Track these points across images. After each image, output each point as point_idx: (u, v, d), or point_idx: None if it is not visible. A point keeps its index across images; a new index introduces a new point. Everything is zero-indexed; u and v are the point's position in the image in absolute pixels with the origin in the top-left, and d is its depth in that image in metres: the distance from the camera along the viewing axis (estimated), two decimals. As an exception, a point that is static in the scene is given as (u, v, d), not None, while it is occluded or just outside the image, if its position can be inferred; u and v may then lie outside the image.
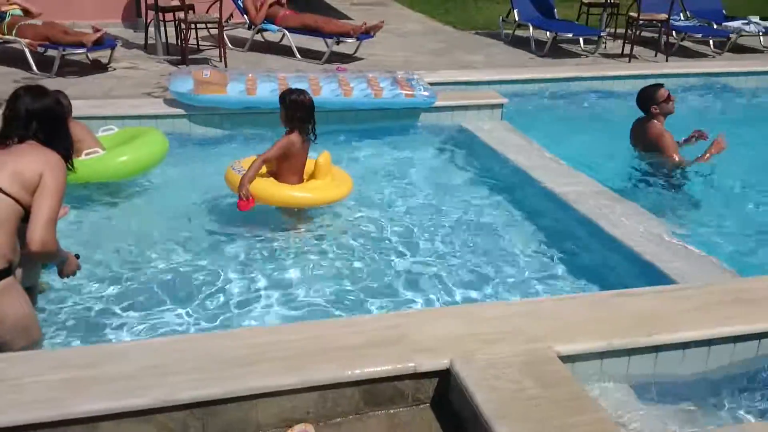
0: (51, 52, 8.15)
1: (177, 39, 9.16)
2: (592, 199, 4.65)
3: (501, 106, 6.61)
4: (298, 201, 4.60)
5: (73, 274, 3.33)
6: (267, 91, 6.08)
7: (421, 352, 2.84)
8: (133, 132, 5.27)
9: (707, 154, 5.33)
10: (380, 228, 4.70)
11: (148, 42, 9.35)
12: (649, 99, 5.51)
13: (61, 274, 3.29)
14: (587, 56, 9.98)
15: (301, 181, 4.65)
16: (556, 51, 10.04)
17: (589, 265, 4.17)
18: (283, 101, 4.62)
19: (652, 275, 3.73)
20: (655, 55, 9.91)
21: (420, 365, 2.78)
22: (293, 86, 5.98)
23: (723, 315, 3.16)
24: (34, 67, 7.92)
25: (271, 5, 9.19)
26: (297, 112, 4.55)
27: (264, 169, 4.63)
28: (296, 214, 4.74)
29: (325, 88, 6.20)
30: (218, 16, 8.59)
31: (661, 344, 3.00)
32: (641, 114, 5.58)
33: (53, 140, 3.15)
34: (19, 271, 3.07)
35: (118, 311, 3.72)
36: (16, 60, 8.27)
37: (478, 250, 4.44)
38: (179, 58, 8.72)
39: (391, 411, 2.82)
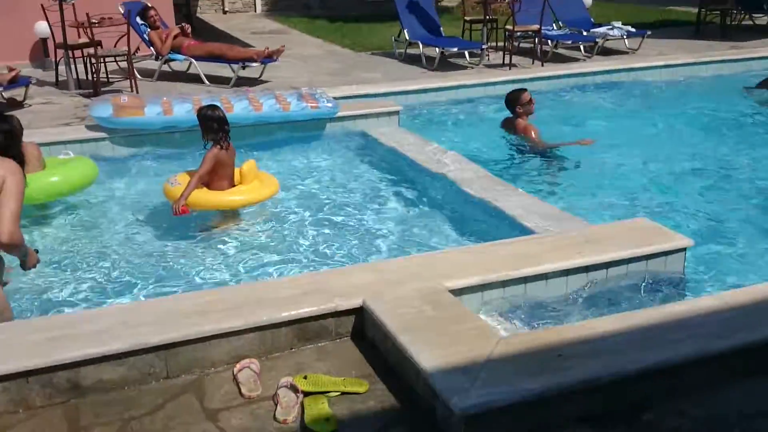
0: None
1: (86, 74, 9.59)
2: (477, 182, 5.46)
3: (397, 113, 7.41)
4: (232, 203, 5.21)
5: (34, 266, 3.87)
6: (183, 111, 6.67)
7: (339, 296, 3.53)
8: (68, 160, 5.74)
9: (574, 142, 6.33)
10: (301, 215, 5.41)
11: (59, 79, 9.73)
12: (514, 101, 6.55)
13: (24, 267, 3.82)
14: (473, 68, 10.95)
15: (232, 184, 5.25)
16: (445, 65, 10.97)
17: (473, 230, 4.98)
18: (199, 116, 5.23)
19: (521, 231, 4.55)
20: (532, 62, 10.97)
21: (339, 305, 3.48)
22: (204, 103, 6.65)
23: (576, 251, 3.99)
24: (-50, 107, 8.23)
25: (175, 36, 9.74)
26: (212, 123, 5.17)
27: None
28: (230, 213, 5.35)
29: (237, 106, 6.83)
30: (126, 49, 9.10)
31: (528, 275, 3.80)
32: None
33: (10, 152, 3.71)
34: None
35: (77, 299, 4.27)
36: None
37: (382, 222, 5.26)
38: (91, 91, 9.15)
39: (319, 344, 3.49)
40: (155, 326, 3.26)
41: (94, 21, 8.67)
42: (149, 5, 9.92)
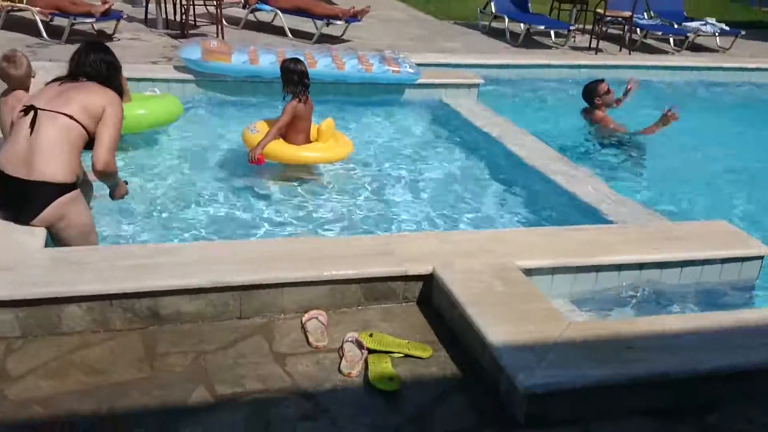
0: (58, 21, 8.72)
1: (175, 15, 9.77)
2: (552, 165, 5.41)
3: (477, 85, 7.37)
4: (306, 159, 5.29)
5: (122, 197, 4.02)
6: (267, 62, 6.75)
7: (410, 261, 3.57)
8: (154, 96, 5.88)
9: (654, 127, 6.17)
10: (374, 179, 5.46)
11: (148, 17, 9.94)
12: (592, 92, 6.42)
13: (113, 196, 3.97)
14: (557, 48, 10.79)
15: (307, 141, 5.33)
16: (529, 42, 10.83)
17: (545, 214, 4.96)
18: (282, 68, 5.30)
19: (595, 219, 4.51)
20: (620, 50, 10.75)
21: (409, 269, 3.52)
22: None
23: (653, 246, 3.94)
24: (45, 34, 8.49)
25: (265, -13, 9.85)
26: (294, 76, 5.24)
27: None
28: (305, 169, 5.43)
29: (320, 62, 6.88)
30: (217, -7, 9.24)
31: (601, 264, 3.78)
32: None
33: (111, 84, 3.82)
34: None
35: (161, 227, 4.43)
36: (27, 27, 8.83)
37: (453, 195, 5.27)
38: (179, 32, 9.34)
39: (385, 306, 3.55)
40: (234, 266, 3.36)
41: (188, -38, 8.80)
42: (242, -48, 10.01)
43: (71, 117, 3.52)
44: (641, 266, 3.84)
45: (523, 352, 2.90)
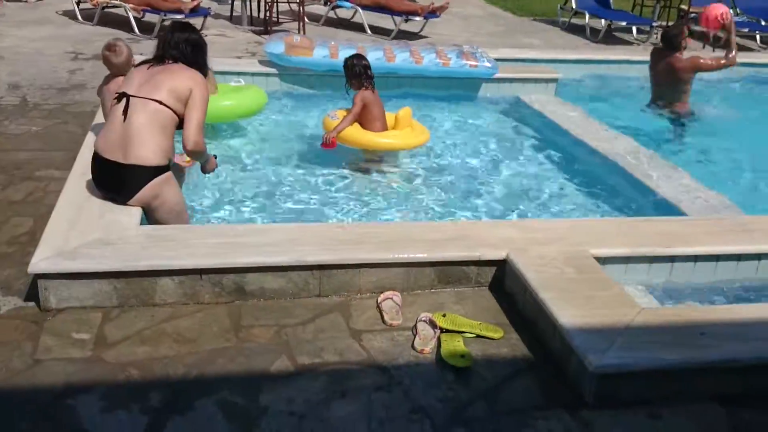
0: (149, 17, 9.14)
1: (259, 12, 10.09)
2: (629, 156, 5.40)
3: (555, 80, 7.37)
4: (383, 145, 5.44)
5: (213, 171, 4.25)
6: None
7: (484, 246, 3.67)
8: (240, 87, 6.13)
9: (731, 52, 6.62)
10: (450, 169, 5.57)
11: (233, 14, 10.30)
12: (678, 35, 6.74)
13: (204, 171, 4.20)
14: (639, 44, 10.64)
15: (384, 128, 5.48)
16: (609, 38, 10.71)
17: (620, 203, 4.96)
18: (345, 66, 5.47)
19: (670, 210, 4.49)
20: (703, 47, 10.49)
21: (483, 254, 3.62)
22: (370, 54, 6.89)
23: (730, 239, 3.92)
24: (136, 29, 8.93)
25: (346, -16, 10.07)
26: (357, 68, 5.39)
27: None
28: (382, 155, 5.60)
29: (399, 57, 7.02)
30: (300, -9, 9.51)
31: (676, 255, 3.78)
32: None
33: (197, 63, 3.95)
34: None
35: (246, 209, 4.66)
36: (118, 23, 9.31)
37: (529, 188, 5.32)
38: (262, 28, 9.65)
39: (458, 289, 3.66)
40: (315, 247, 3.53)
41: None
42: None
43: (161, 102, 3.72)
44: (717, 258, 3.83)
45: (593, 335, 2.96)
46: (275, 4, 9.56)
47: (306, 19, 10.10)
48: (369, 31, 9.93)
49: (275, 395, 2.84)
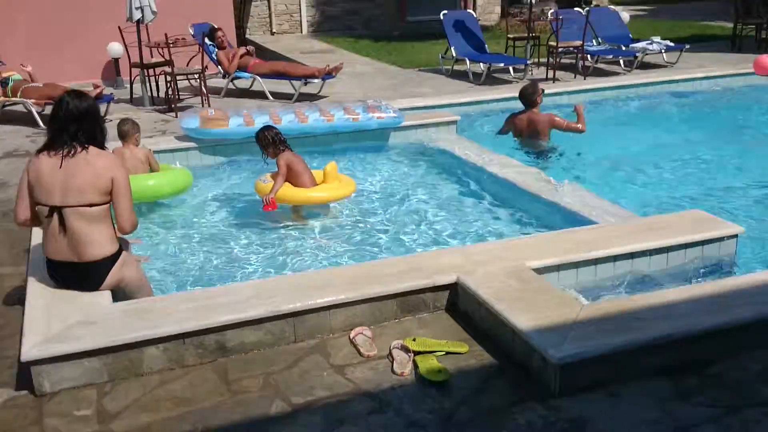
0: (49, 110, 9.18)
1: (158, 91, 10.30)
2: (534, 180, 5.97)
3: (455, 122, 7.97)
4: (315, 199, 5.80)
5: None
6: (262, 123, 7.27)
7: (435, 274, 4.06)
8: (168, 168, 6.32)
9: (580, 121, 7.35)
10: (378, 212, 5.98)
11: (133, 96, 10.46)
12: (534, 94, 7.43)
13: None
14: (518, 82, 11.48)
15: (312, 181, 5.83)
16: (490, 80, 11.53)
17: (538, 221, 5.51)
18: (258, 139, 5.85)
19: (579, 222, 5.05)
20: (575, 77, 11.48)
21: (437, 281, 4.01)
22: (282, 116, 7.29)
23: (639, 237, 4.48)
24: (41, 123, 8.94)
25: (242, 56, 10.44)
26: (273, 138, 5.79)
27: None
28: (319, 208, 5.95)
29: (311, 117, 7.42)
30: (199, 67, 9.80)
31: (599, 257, 4.30)
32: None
33: (95, 137, 3.86)
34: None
35: (203, 273, 4.88)
36: (22, 119, 9.28)
37: (454, 215, 5.85)
38: (166, 107, 9.86)
39: (418, 316, 4.03)
40: (284, 297, 3.81)
41: (170, 42, 9.36)
42: (217, 27, 10.61)
43: (92, 204, 3.80)
44: (632, 255, 4.38)
45: (549, 333, 3.39)
46: (175, 81, 9.80)
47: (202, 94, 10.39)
48: (270, 97, 10.30)
49: (281, 433, 3.10)
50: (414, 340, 3.72)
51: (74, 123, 3.83)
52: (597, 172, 6.80)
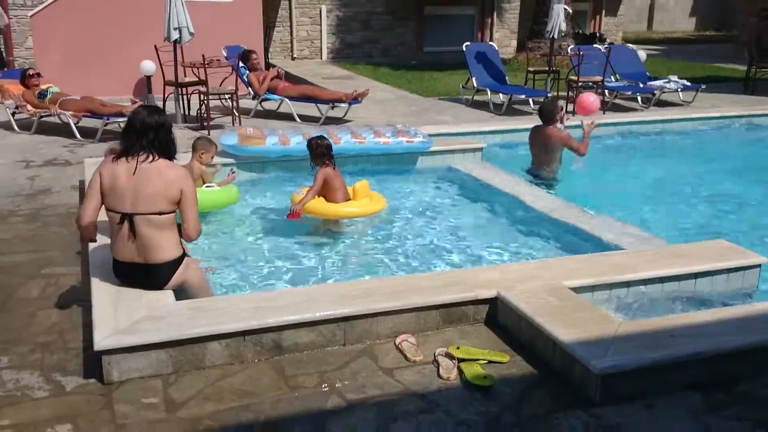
0: (89, 122, 9.45)
1: (188, 109, 10.61)
2: (562, 208, 6.22)
3: (481, 149, 8.25)
4: (346, 214, 6.05)
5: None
6: (296, 143, 7.55)
7: (477, 288, 4.29)
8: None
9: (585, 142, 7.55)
10: (408, 230, 6.22)
11: (166, 113, 10.76)
12: (554, 109, 7.67)
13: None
14: (536, 114, 11.81)
15: (346, 198, 6.09)
16: (510, 111, 11.83)
17: (567, 246, 5.73)
18: (310, 146, 6.12)
19: (605, 247, 5.29)
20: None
21: (479, 294, 4.24)
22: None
23: (668, 263, 4.71)
24: (78, 135, 9.23)
25: (272, 79, 10.77)
26: (321, 149, 6.06)
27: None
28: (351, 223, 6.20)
29: (343, 139, 7.70)
30: (232, 88, 10.11)
31: (630, 280, 4.53)
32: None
33: (168, 151, 4.16)
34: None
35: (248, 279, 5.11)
36: (57, 130, 9.58)
37: (481, 238, 6.06)
38: (198, 124, 10.16)
39: (459, 327, 4.25)
40: (335, 303, 4.04)
41: (206, 62, 9.68)
42: (251, 50, 10.94)
43: (161, 213, 4.05)
44: (662, 280, 4.60)
45: (590, 346, 3.61)
46: (208, 101, 10.10)
47: (235, 113, 10.69)
48: (298, 120, 10.60)
49: (340, 426, 3.31)
50: (458, 348, 3.94)
51: (150, 132, 4.10)
52: (618, 201, 7.04)
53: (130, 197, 4.02)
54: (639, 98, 12.45)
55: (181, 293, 4.22)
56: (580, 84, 11.83)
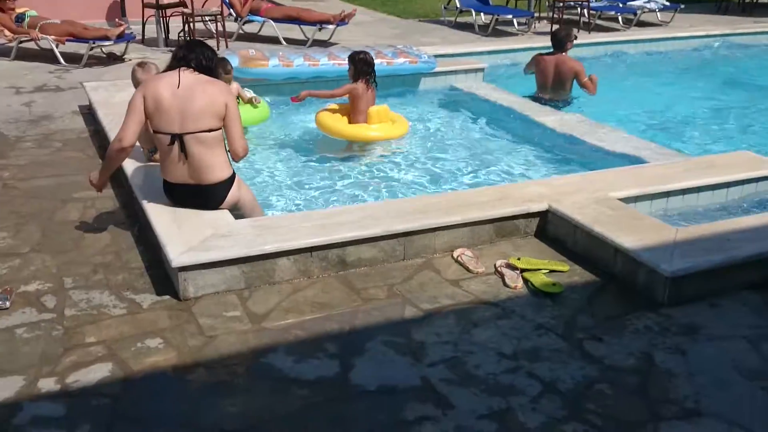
0: (68, 47, 9.07)
1: (168, 33, 10.25)
2: (577, 124, 6.29)
3: (482, 69, 8.21)
4: (370, 137, 6.01)
5: None
6: (297, 65, 7.38)
7: (527, 202, 4.35)
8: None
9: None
10: (427, 150, 6.22)
11: (146, 37, 10.39)
12: (567, 36, 7.50)
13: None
14: (523, 34, 11.76)
15: (365, 121, 6.03)
16: (495, 32, 11.76)
17: (589, 163, 5.81)
18: (352, 59, 6.01)
19: (630, 161, 5.39)
20: (578, 31, 11.79)
21: (530, 208, 4.30)
22: (316, 57, 7.41)
23: (702, 173, 4.83)
24: (62, 60, 8.87)
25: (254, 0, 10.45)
26: (363, 66, 5.97)
27: (339, 114, 6.04)
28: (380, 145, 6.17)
29: (346, 60, 7.55)
30: (217, 9, 9.79)
31: (670, 191, 4.64)
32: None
33: (214, 70, 4.16)
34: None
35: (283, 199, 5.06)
36: (40, 55, 9.17)
37: (500, 156, 6.09)
38: (181, 48, 9.84)
39: (511, 240, 4.32)
40: (396, 218, 4.06)
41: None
42: (231, -32, 10.57)
43: (209, 130, 3.98)
44: (698, 189, 4.73)
45: (655, 251, 3.72)
46: (193, 23, 9.77)
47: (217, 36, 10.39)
48: (284, 42, 10.36)
49: (423, 333, 3.37)
50: (518, 259, 4.02)
51: (196, 49, 4.07)
52: (629, 119, 7.14)
53: (178, 117, 3.93)
54: (620, 18, 12.50)
55: (234, 214, 4.18)
56: (562, 4, 11.79)
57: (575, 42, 7.77)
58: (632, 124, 6.96)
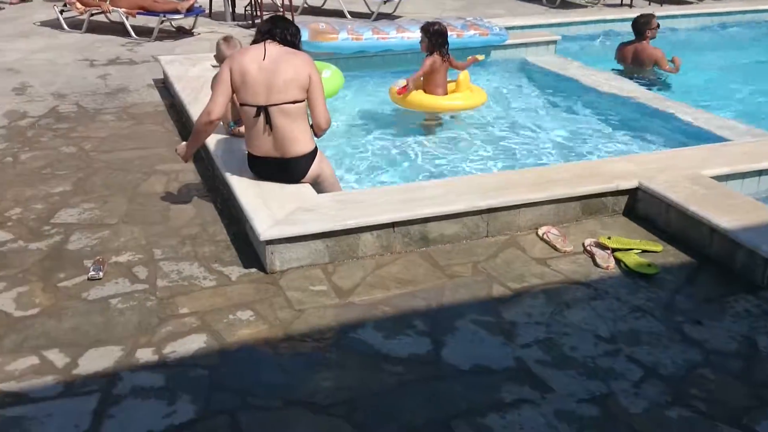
0: (143, 20, 9.15)
1: (234, 7, 10.27)
2: (651, 99, 6.09)
3: (555, 42, 8.01)
4: (449, 107, 5.93)
5: None
6: (367, 38, 7.31)
7: (616, 179, 4.21)
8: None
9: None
10: (503, 124, 6.10)
11: (212, 11, 10.43)
12: (646, 24, 7.19)
13: None
14: (593, 6, 11.45)
15: (445, 93, 5.95)
16: (563, 3, 11.46)
17: (665, 139, 5.63)
18: (427, 31, 5.91)
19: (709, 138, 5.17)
20: (649, 4, 11.42)
21: (619, 185, 4.17)
22: (385, 30, 7.31)
23: (793, 152, 4.63)
24: (133, 33, 8.96)
25: (321, -29, 10.37)
26: (438, 38, 5.86)
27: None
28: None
29: (415, 33, 7.44)
30: (284, -18, 9.75)
31: (762, 169, 4.45)
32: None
33: (297, 44, 4.14)
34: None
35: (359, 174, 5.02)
36: (109, 29, 9.30)
37: (580, 132, 5.95)
38: (248, 22, 9.85)
39: (598, 218, 4.20)
40: (477, 194, 3.98)
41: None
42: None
43: (294, 102, 3.96)
44: (794, 169, 4.53)
45: (753, 231, 3.57)
46: (259, -3, 9.77)
47: (282, 10, 10.34)
48: (349, 16, 10.28)
49: (513, 313, 3.30)
50: (609, 238, 3.90)
51: (280, 24, 4.08)
52: (713, 96, 6.87)
53: (264, 89, 3.92)
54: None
55: (315, 188, 4.16)
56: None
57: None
58: (716, 102, 6.70)
